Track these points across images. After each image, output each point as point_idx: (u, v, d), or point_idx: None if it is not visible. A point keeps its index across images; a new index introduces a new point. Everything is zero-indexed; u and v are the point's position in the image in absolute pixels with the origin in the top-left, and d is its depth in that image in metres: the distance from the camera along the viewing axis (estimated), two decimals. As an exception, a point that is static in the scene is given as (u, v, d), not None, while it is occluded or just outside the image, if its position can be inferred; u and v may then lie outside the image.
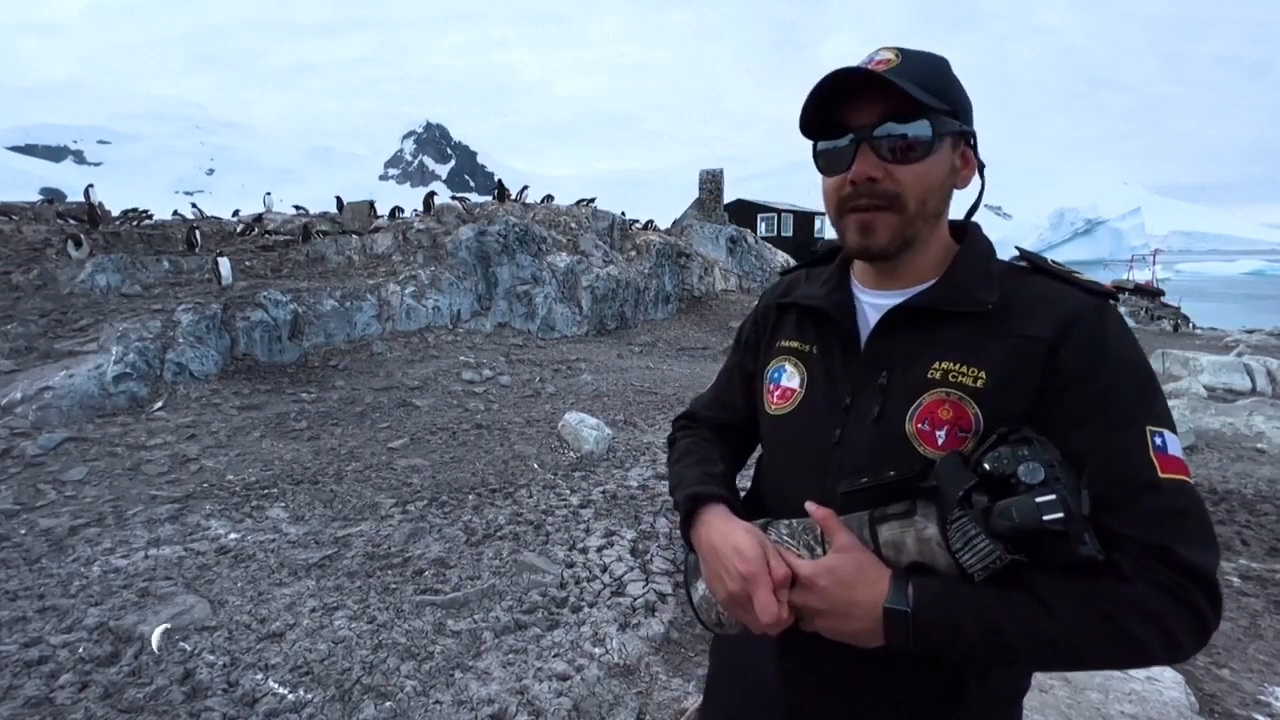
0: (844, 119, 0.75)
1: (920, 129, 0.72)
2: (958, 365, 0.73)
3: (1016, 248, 0.87)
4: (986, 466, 0.64)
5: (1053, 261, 0.79)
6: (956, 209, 0.86)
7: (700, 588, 0.84)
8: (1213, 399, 7.09)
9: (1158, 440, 0.66)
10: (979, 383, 0.72)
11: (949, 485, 0.65)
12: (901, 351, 0.78)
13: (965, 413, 0.72)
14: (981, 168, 0.81)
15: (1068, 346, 0.70)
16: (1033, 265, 0.79)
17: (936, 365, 0.74)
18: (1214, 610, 0.63)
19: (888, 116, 0.72)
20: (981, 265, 0.78)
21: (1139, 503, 0.64)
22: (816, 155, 0.79)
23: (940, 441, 0.72)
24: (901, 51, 0.74)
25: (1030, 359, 0.70)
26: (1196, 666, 2.49)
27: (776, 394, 0.89)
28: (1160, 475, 0.65)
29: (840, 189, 0.76)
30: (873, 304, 0.83)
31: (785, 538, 0.78)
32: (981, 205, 0.84)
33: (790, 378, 0.88)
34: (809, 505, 0.74)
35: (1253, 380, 8.10)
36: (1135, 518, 0.64)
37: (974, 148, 0.79)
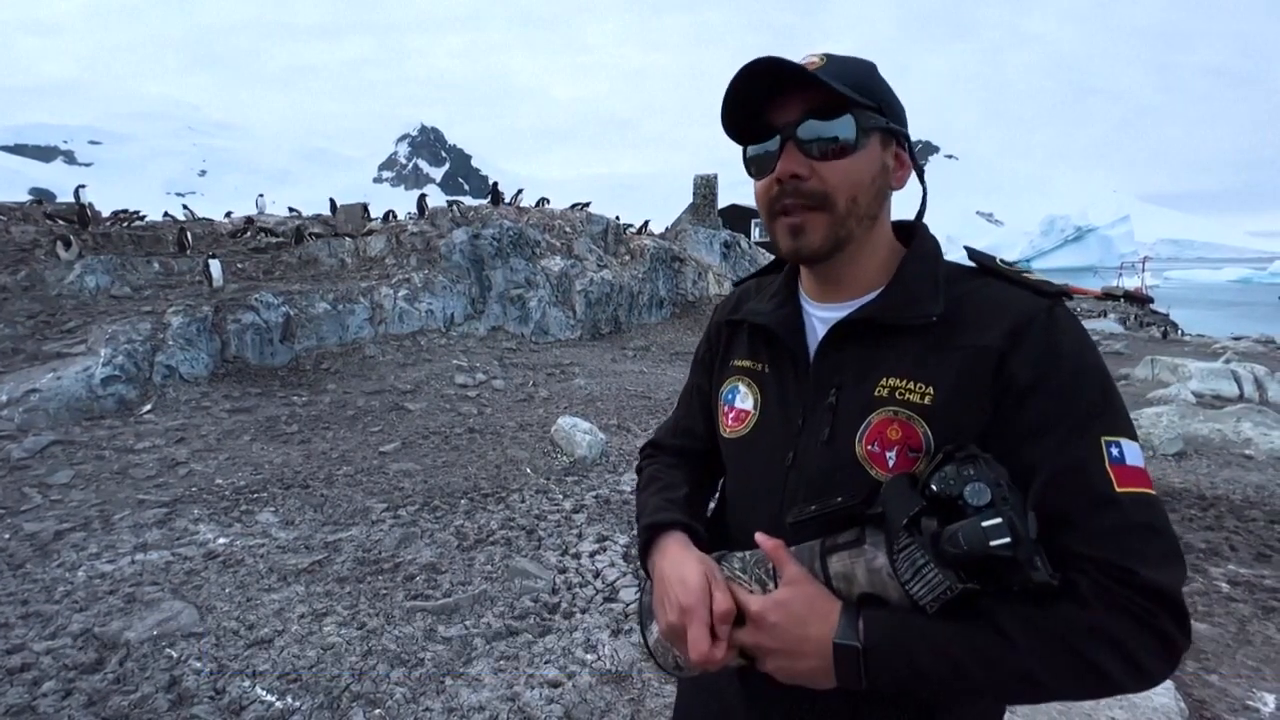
0: (769, 119, 0.73)
1: (844, 124, 0.70)
2: (905, 382, 0.70)
3: (965, 247, 0.84)
4: (934, 488, 0.60)
5: (1001, 261, 0.77)
6: (906, 212, 0.82)
7: (655, 630, 0.79)
8: (1201, 405, 7.16)
9: (1114, 451, 0.63)
10: (927, 399, 0.69)
11: (894, 511, 0.61)
12: (849, 368, 0.75)
13: (915, 432, 0.69)
14: (920, 171, 0.78)
15: (1018, 356, 0.66)
16: (982, 267, 0.76)
17: (884, 382, 0.71)
18: (1181, 631, 0.59)
19: (811, 113, 0.71)
20: (928, 271, 0.75)
21: (1096, 520, 0.61)
22: (747, 161, 0.77)
23: (891, 464, 0.69)
24: (828, 56, 0.74)
25: (980, 371, 0.67)
26: (1186, 672, 2.50)
27: (731, 416, 0.86)
28: (1117, 489, 0.61)
29: (769, 190, 0.74)
30: (821, 317, 0.80)
31: (737, 571, 0.74)
32: (975, 212, 0.82)
33: (744, 399, 0.85)
34: (758, 536, 0.71)
35: (1240, 387, 8.19)
36: (1092, 536, 0.60)
37: (909, 150, 0.77)
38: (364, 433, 5.52)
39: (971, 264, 0.78)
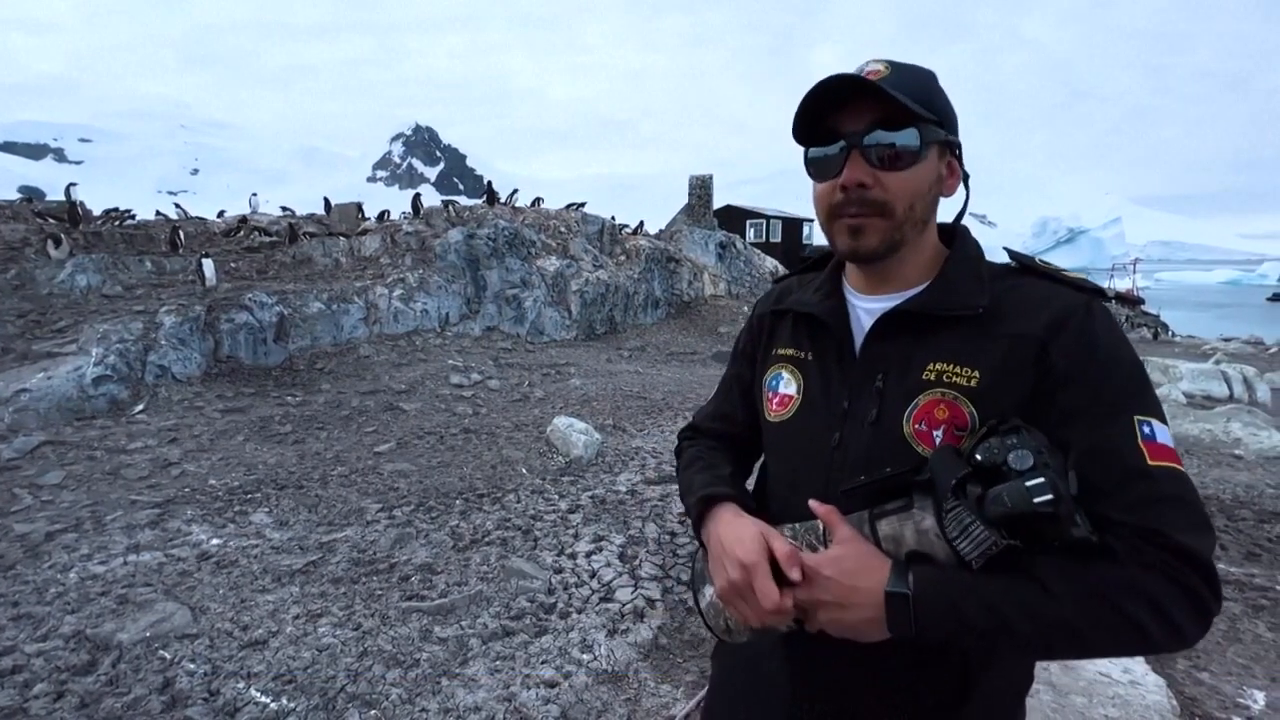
0: (835, 125, 0.77)
1: (908, 137, 0.74)
2: (952, 366, 0.75)
3: (1005, 249, 0.90)
4: (978, 457, 0.65)
5: (1040, 261, 0.81)
6: (943, 216, 0.88)
7: (708, 593, 0.84)
8: (1191, 406, 7.22)
9: (1145, 429, 0.68)
10: (973, 382, 0.73)
11: (942, 476, 0.66)
12: (896, 355, 0.79)
13: (961, 412, 0.73)
14: (966, 178, 0.83)
15: (1058, 344, 0.71)
16: (1021, 266, 0.81)
17: (931, 367, 0.76)
18: (1212, 593, 0.63)
19: (877, 124, 0.74)
20: (972, 268, 0.80)
21: (1129, 490, 0.65)
22: (808, 162, 0.81)
23: (938, 440, 0.74)
24: (891, 64, 0.76)
25: (1022, 357, 0.72)
26: (1177, 670, 2.52)
27: (775, 401, 0.91)
28: (1150, 463, 0.66)
29: (831, 195, 0.78)
30: (866, 309, 0.85)
31: (788, 539, 0.78)
32: (968, 214, 0.86)
33: (788, 384, 0.90)
34: (812, 503, 0.75)
35: (1230, 388, 8.27)
36: (1127, 504, 0.65)
37: (959, 158, 0.82)
38: (358, 433, 5.50)
39: (1011, 263, 0.82)
